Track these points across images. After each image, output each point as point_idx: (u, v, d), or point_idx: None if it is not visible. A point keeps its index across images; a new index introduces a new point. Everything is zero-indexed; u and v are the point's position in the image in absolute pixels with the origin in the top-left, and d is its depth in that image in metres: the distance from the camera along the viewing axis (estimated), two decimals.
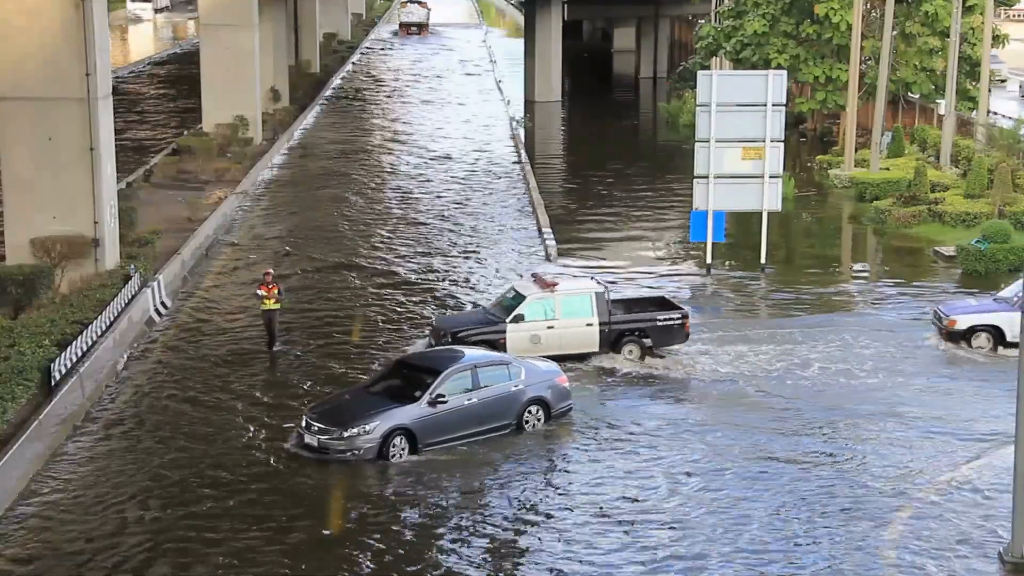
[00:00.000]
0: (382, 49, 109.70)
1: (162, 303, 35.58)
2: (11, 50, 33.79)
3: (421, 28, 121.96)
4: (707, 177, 39.71)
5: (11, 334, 28.87)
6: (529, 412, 27.21)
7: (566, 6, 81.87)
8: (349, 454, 25.36)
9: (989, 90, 54.65)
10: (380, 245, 43.65)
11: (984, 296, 35.32)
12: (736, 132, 39.73)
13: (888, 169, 51.20)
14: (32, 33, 33.70)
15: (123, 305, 32.78)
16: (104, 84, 34.99)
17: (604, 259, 42.14)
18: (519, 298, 31.64)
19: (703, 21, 75.16)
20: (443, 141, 65.19)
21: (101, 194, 34.70)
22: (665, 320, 32.19)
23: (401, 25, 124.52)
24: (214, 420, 27.74)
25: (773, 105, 39.44)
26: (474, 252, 42.92)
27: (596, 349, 31.73)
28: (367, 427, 25.41)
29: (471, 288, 38.66)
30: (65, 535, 22.54)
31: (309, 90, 76.62)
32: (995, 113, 57.34)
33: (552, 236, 44.11)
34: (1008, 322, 32.46)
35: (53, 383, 27.41)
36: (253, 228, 46.11)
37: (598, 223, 47.67)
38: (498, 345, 30.46)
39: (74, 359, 28.67)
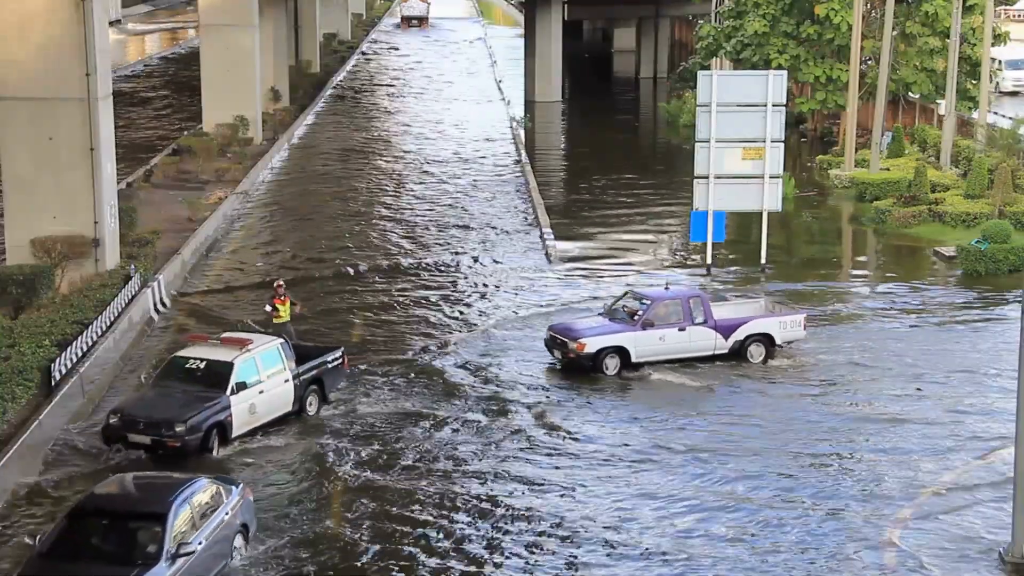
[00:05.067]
0: (382, 49, 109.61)
1: (162, 302, 35.61)
2: (11, 50, 33.78)
3: (421, 21, 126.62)
4: (707, 177, 39.71)
5: (11, 334, 28.89)
6: (236, 543, 21.59)
7: (566, 6, 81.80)
8: None
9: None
10: (378, 247, 43.65)
11: (588, 313, 33.65)
12: (736, 132, 39.72)
13: (888, 169, 51.16)
14: (32, 33, 33.69)
15: (123, 305, 32.79)
16: (104, 84, 34.97)
17: (604, 259, 42.14)
18: (221, 364, 26.65)
19: (703, 21, 75.10)
20: (442, 141, 65.18)
21: (101, 194, 34.68)
22: (334, 362, 28.91)
23: (403, 19, 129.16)
24: None
25: (773, 105, 39.43)
26: (474, 253, 42.87)
27: (291, 408, 27.64)
28: None
29: (471, 289, 38.72)
30: None
31: (309, 90, 76.59)
32: (994, 113, 57.32)
33: (552, 236, 44.09)
34: (632, 342, 30.90)
35: (53, 383, 27.42)
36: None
37: (598, 223, 47.62)
38: (226, 424, 26.05)
39: (74, 359, 28.69)
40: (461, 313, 36.22)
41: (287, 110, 67.56)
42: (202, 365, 26.86)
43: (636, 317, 31.35)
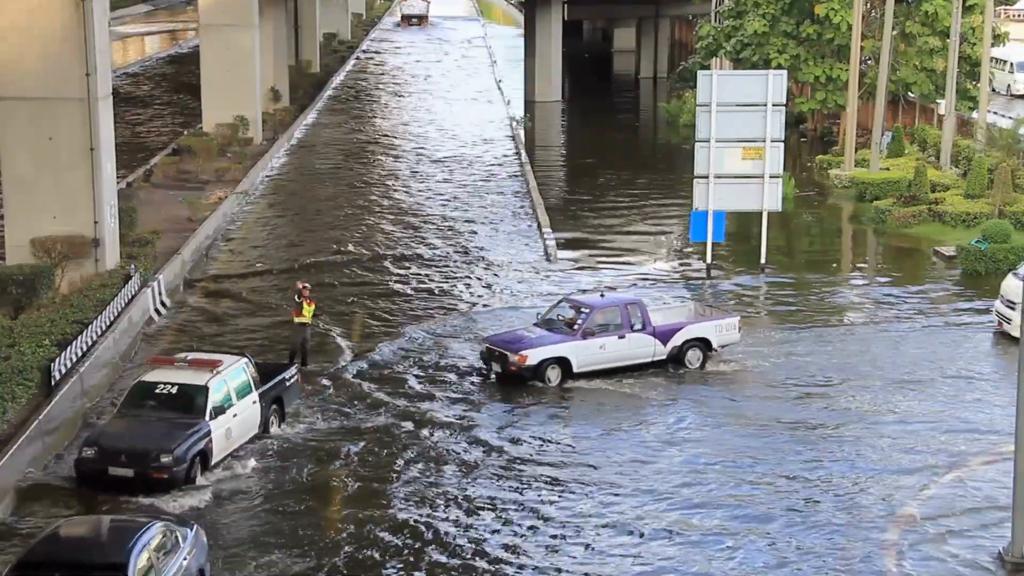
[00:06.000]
0: (383, 48, 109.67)
1: (162, 303, 35.63)
2: (11, 50, 33.79)
3: (421, 20, 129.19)
4: (707, 177, 39.73)
5: (11, 334, 28.89)
6: None
7: (566, 6, 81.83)
8: None
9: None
10: (380, 246, 43.67)
11: (529, 323, 32.22)
12: (736, 132, 39.72)
13: (888, 169, 51.17)
14: (32, 33, 33.68)
15: (123, 305, 32.80)
16: (104, 84, 34.98)
17: (604, 258, 42.17)
18: (195, 388, 25.37)
19: (703, 21, 75.13)
20: (442, 140, 65.19)
21: (101, 194, 34.68)
22: (291, 379, 27.99)
23: (403, 17, 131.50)
24: None
25: (773, 105, 39.44)
26: (474, 252, 42.89)
27: (257, 431, 26.52)
28: None
29: (470, 288, 38.75)
30: None
31: (309, 90, 76.61)
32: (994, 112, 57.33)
33: (552, 236, 44.11)
34: (574, 352, 30.19)
35: (53, 383, 27.42)
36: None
37: (598, 223, 47.65)
38: (207, 452, 24.73)
39: (74, 359, 28.69)
40: (454, 312, 36.23)
41: (287, 110, 67.57)
42: (174, 390, 25.48)
43: (576, 326, 30.69)
